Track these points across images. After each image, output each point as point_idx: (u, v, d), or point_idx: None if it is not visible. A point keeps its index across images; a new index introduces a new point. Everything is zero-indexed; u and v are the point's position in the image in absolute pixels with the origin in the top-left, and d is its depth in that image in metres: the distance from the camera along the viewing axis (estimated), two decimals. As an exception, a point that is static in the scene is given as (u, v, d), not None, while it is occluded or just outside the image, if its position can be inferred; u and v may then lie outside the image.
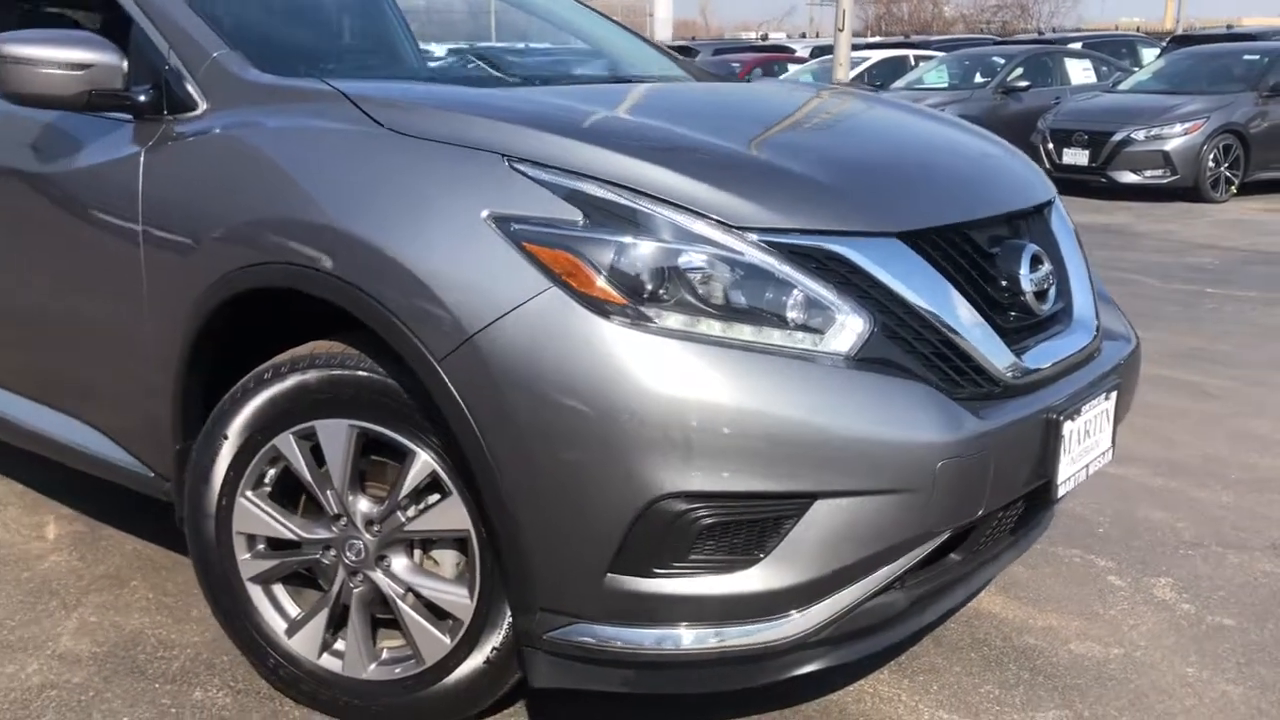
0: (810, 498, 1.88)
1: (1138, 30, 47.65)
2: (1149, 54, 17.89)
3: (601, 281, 1.89)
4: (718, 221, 1.94)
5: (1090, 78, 13.83)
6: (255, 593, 2.32)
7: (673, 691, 2.10)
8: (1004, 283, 2.22)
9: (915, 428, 1.92)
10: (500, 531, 1.96)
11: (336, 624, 2.29)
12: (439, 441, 2.07)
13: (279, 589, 2.34)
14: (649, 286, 1.90)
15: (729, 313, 1.91)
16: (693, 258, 1.92)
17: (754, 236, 1.94)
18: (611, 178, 1.96)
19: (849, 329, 1.94)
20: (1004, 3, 46.41)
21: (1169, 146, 10.87)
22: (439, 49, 3.03)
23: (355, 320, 2.09)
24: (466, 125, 2.09)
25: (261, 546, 2.31)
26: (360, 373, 2.12)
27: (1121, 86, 12.52)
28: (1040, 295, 2.27)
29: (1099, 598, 2.85)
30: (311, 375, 2.16)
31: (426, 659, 2.20)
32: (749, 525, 1.89)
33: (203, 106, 2.40)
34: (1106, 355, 2.43)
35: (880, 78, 14.32)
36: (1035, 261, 2.27)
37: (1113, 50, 17.57)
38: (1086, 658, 2.56)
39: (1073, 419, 2.18)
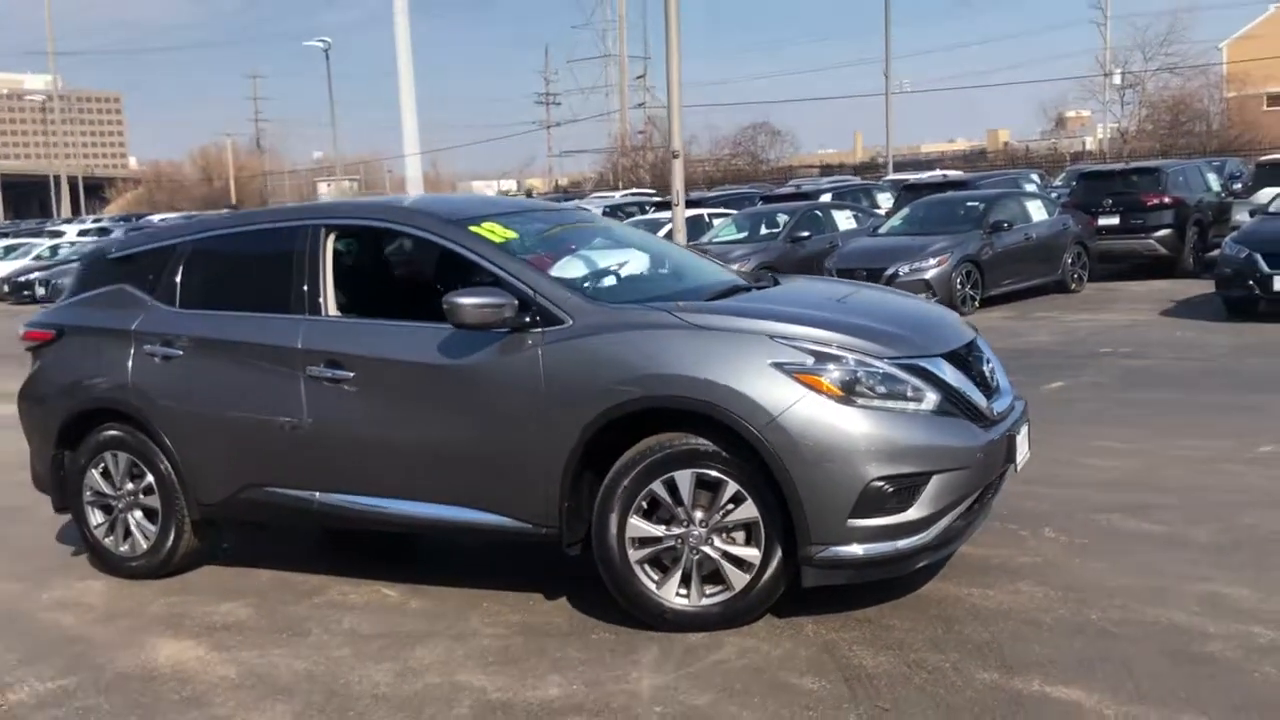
0: (931, 474, 4.21)
1: (841, 164, 53.87)
2: (882, 196, 21.89)
3: (829, 385, 4.19)
4: (870, 356, 4.29)
5: (853, 224, 17.22)
6: (638, 570, 4.41)
7: (869, 580, 4.36)
8: (975, 372, 4.65)
9: (968, 438, 4.31)
10: (792, 510, 4.17)
11: (678, 582, 4.40)
12: (742, 475, 4.27)
13: (646, 567, 4.43)
14: (847, 386, 4.21)
15: (881, 395, 4.24)
16: (862, 373, 4.25)
17: (887, 361, 4.30)
18: (821, 341, 4.29)
19: (930, 398, 4.31)
20: (736, 150, 52.23)
21: (928, 275, 14.08)
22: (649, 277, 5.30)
23: (680, 420, 4.30)
24: (739, 322, 4.38)
25: (639, 543, 4.41)
26: (699, 445, 4.31)
27: (881, 231, 15.86)
28: (990, 377, 4.73)
29: (1019, 541, 5.27)
30: (673, 450, 4.32)
31: (735, 588, 4.35)
32: (908, 489, 4.19)
33: (569, 322, 4.55)
34: (1018, 406, 4.91)
35: (686, 233, 17.20)
36: (985, 361, 4.75)
37: (854, 197, 21.45)
38: (1029, 563, 4.96)
39: (1017, 434, 4.63)
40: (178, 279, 5.56)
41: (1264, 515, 5.43)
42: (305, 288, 5.16)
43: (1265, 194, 15.88)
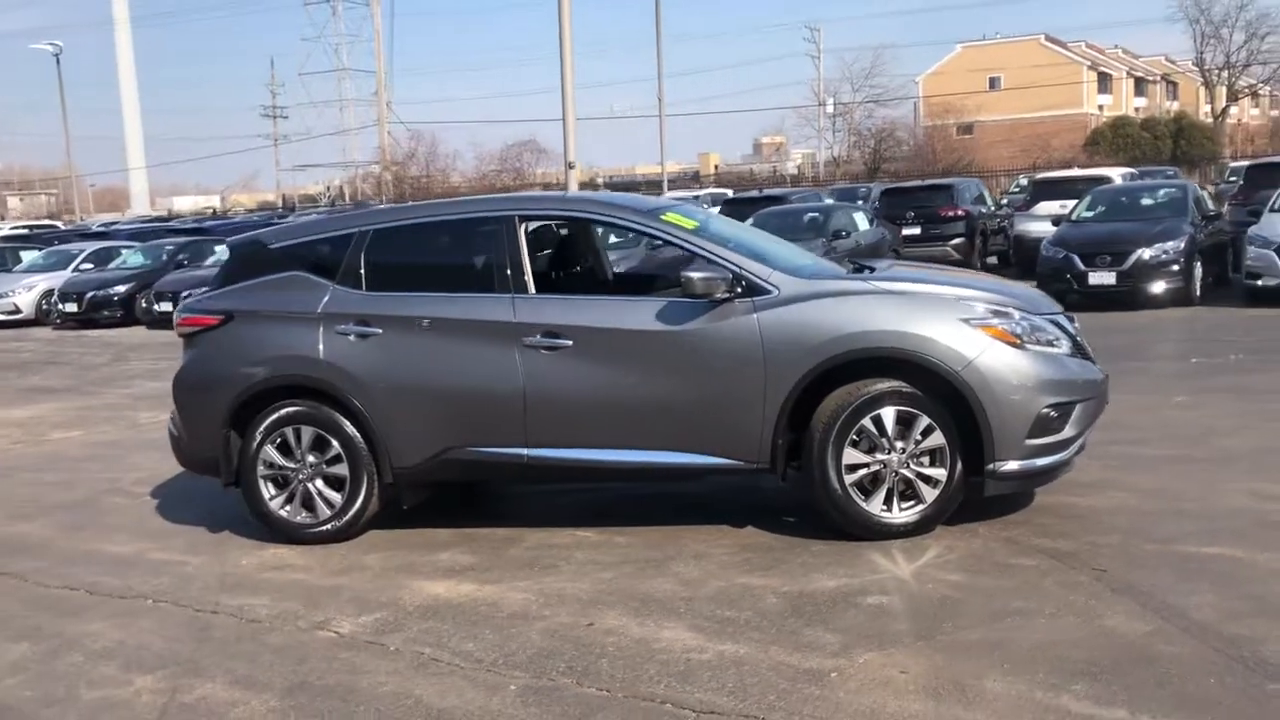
0: (1077, 402, 5.48)
1: (559, 182, 55.61)
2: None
3: (1007, 334, 5.38)
4: (1026, 311, 5.52)
5: (696, 234, 18.62)
6: (853, 492, 5.43)
7: (1029, 489, 5.58)
8: (1075, 325, 5.96)
9: (1094, 375, 5.62)
10: (982, 434, 5.31)
11: (882, 499, 5.45)
12: (932, 410, 5.38)
13: (855, 489, 5.45)
14: (1018, 334, 5.42)
15: (1038, 341, 5.47)
16: (1025, 324, 5.47)
17: (1037, 315, 5.55)
18: (993, 302, 5.49)
19: (1065, 344, 5.58)
20: (504, 168, 53.14)
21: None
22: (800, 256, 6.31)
23: (878, 368, 5.37)
24: (927, 288, 5.51)
25: (850, 469, 5.42)
26: (900, 387, 5.38)
27: (731, 239, 17.28)
28: (1079, 333, 6.07)
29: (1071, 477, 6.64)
30: (880, 391, 5.37)
31: (927, 501, 5.45)
32: (1064, 414, 5.44)
33: (776, 292, 5.52)
34: (1086, 356, 6.28)
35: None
36: (1074, 321, 6.08)
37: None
38: (1096, 480, 6.26)
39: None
40: (361, 266, 6.07)
41: (1229, 440, 7.06)
42: (509, 270, 5.83)
43: (1044, 206, 18.49)
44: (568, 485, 6.70)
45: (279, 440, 6.06)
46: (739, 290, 5.52)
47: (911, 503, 5.48)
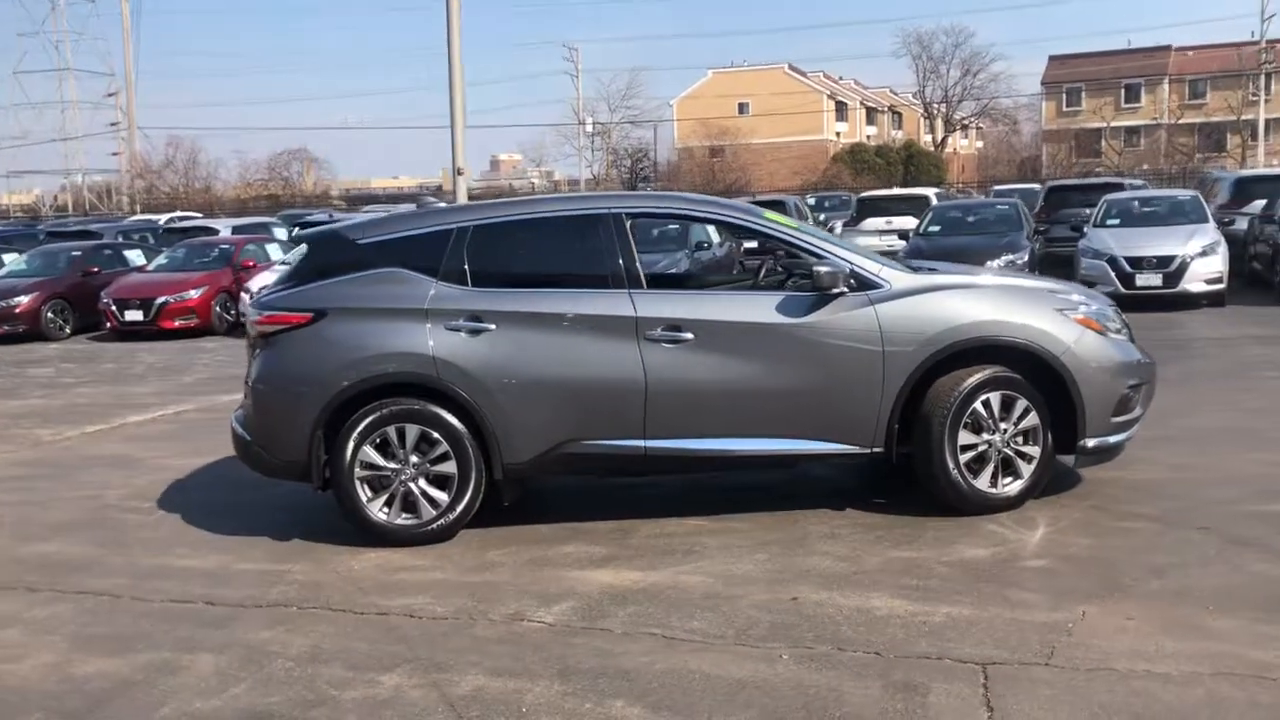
0: (1143, 383, 6.17)
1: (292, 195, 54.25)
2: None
3: (1093, 321, 6.00)
4: (1099, 303, 6.17)
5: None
6: (963, 469, 5.87)
7: (1103, 462, 6.20)
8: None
9: (1150, 359, 6.32)
10: (1077, 413, 5.89)
11: (989, 475, 5.92)
12: (1029, 393, 5.92)
13: (965, 468, 5.89)
14: (1106, 324, 6.05)
15: (1110, 329, 6.12)
16: (1102, 313, 6.12)
17: (1104, 305, 6.21)
18: (1078, 292, 6.11)
19: (1125, 331, 6.26)
20: (270, 177, 50.99)
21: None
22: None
23: (981, 356, 5.89)
24: (1024, 282, 6.17)
25: (963, 450, 5.87)
26: (1006, 373, 5.89)
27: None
28: (1111, 325, 6.80)
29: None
30: (985, 376, 5.85)
31: (1024, 476, 5.98)
32: (1135, 394, 6.11)
33: (887, 287, 5.92)
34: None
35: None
36: (1107, 314, 6.81)
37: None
38: (1120, 458, 7.02)
39: (1136, 361, 6.73)
40: (465, 261, 6.02)
41: (1189, 421, 7.99)
42: (622, 264, 5.96)
43: (870, 222, 19.81)
44: (622, 477, 6.83)
45: (379, 440, 5.91)
46: (853, 284, 5.89)
47: (1010, 478, 5.99)
